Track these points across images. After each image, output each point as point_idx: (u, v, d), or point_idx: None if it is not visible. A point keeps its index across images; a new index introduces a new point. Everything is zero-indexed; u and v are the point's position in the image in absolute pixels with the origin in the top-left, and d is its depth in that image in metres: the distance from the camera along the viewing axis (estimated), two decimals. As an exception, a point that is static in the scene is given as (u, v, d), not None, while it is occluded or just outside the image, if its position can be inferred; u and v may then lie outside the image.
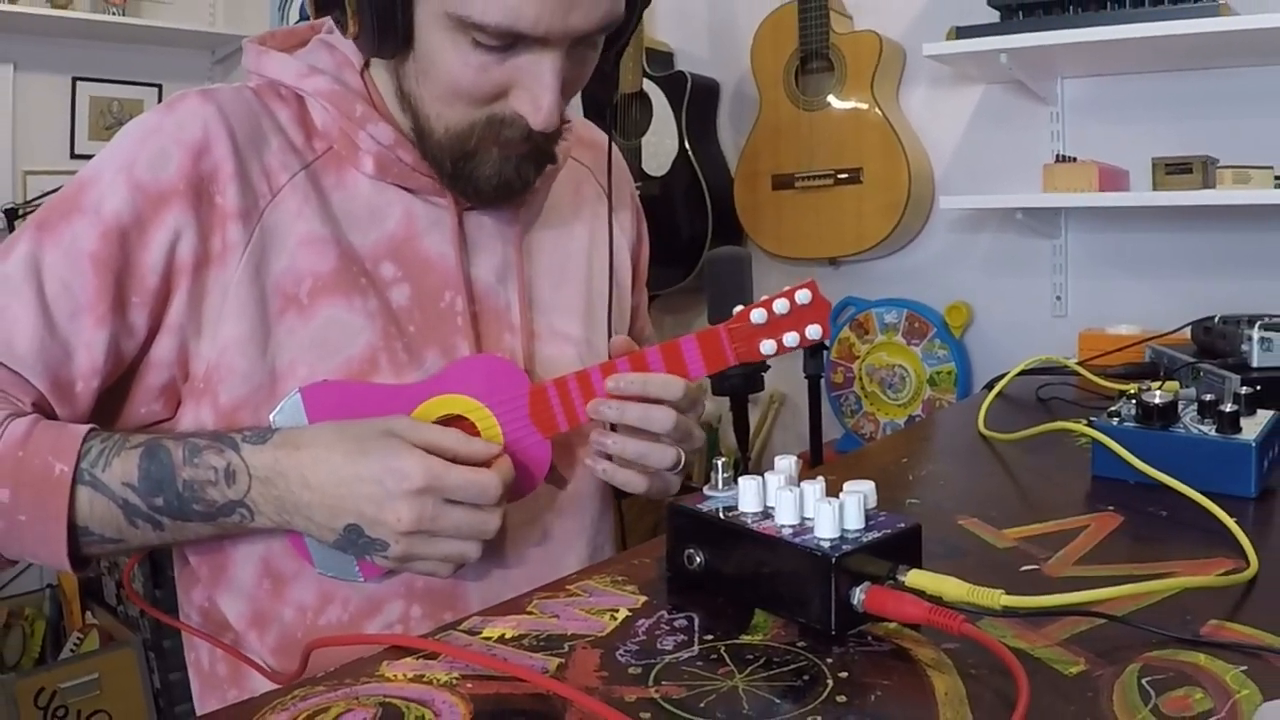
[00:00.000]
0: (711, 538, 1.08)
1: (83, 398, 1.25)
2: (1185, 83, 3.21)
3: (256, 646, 1.33)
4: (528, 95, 1.23)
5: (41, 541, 1.17)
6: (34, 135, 5.19)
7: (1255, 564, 1.09)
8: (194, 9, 5.67)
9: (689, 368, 1.32)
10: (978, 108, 3.61)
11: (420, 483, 1.13)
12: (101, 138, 5.27)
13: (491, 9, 1.14)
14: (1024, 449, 1.66)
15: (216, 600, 1.36)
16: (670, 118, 3.87)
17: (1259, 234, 3.11)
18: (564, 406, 1.30)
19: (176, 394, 1.32)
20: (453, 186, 1.35)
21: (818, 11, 3.55)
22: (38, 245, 1.22)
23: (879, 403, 3.72)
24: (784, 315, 1.31)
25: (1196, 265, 3.23)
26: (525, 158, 1.32)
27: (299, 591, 1.32)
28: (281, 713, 0.88)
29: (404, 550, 1.16)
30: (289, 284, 1.29)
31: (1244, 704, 0.81)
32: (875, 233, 3.55)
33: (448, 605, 1.33)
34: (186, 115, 1.27)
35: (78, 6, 5.11)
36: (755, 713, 0.84)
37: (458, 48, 1.20)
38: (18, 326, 1.19)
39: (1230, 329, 1.92)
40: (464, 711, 0.86)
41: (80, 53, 5.28)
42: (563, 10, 1.16)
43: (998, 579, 0.99)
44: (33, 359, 1.20)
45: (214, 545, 1.33)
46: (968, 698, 0.85)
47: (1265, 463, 1.36)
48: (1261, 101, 3.09)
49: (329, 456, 1.17)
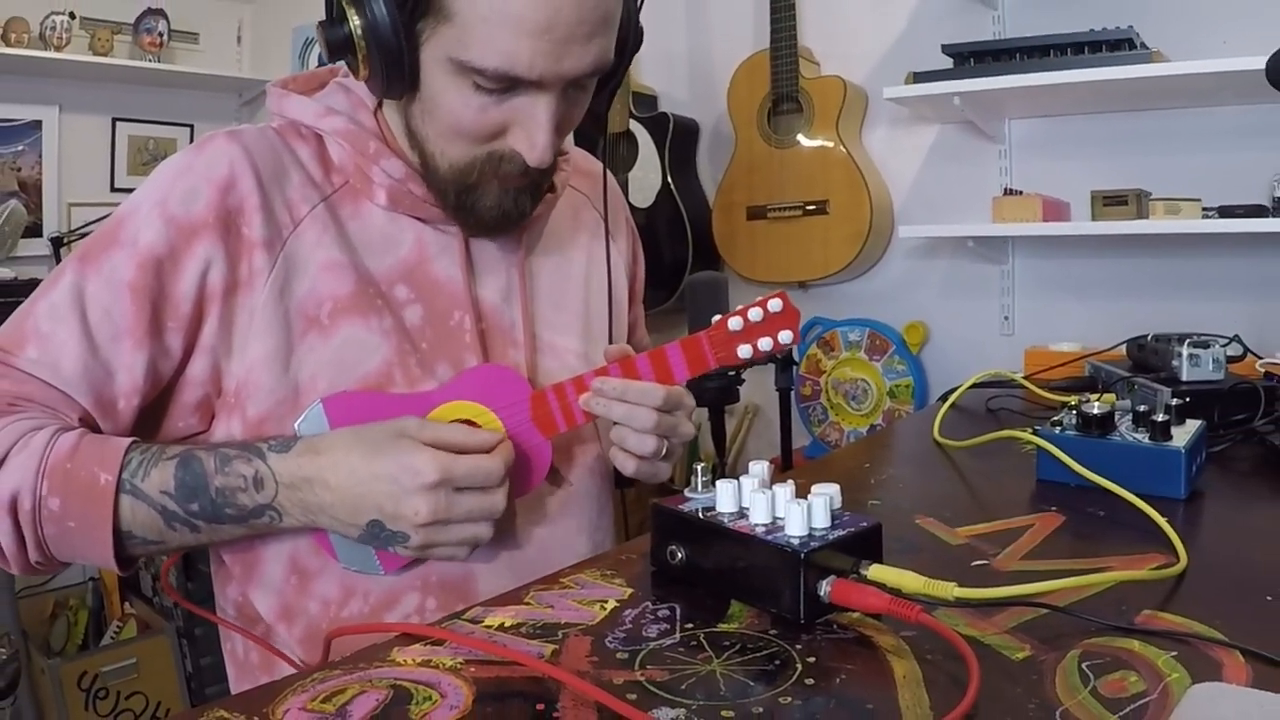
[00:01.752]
0: (692, 535, 1.08)
1: (124, 414, 1.26)
2: (1121, 123, 3.23)
3: (285, 638, 1.33)
4: (524, 134, 1.24)
5: (90, 545, 1.17)
6: (77, 171, 5.22)
7: (1184, 559, 1.09)
8: (222, 56, 5.70)
9: (674, 371, 1.32)
10: (933, 145, 3.62)
11: (434, 477, 1.14)
12: (138, 173, 5.31)
13: (490, 54, 1.15)
14: (975, 455, 1.66)
15: (249, 595, 1.36)
16: (654, 155, 3.87)
17: (1188, 260, 3.12)
18: (562, 409, 1.31)
19: (210, 409, 1.32)
20: (456, 217, 1.36)
21: (788, 58, 3.56)
22: (81, 276, 1.23)
23: (843, 413, 3.72)
24: (758, 322, 1.32)
25: (1131, 288, 3.24)
26: (523, 190, 1.33)
27: (323, 586, 1.32)
28: (302, 694, 0.88)
29: (423, 540, 1.18)
30: (310, 306, 1.30)
31: (1174, 686, 0.82)
32: (840, 259, 3.55)
33: (460, 597, 1.33)
34: (214, 154, 1.27)
35: (117, 53, 5.14)
36: (731, 694, 0.84)
37: (459, 90, 1.21)
38: (64, 350, 1.20)
39: (1162, 346, 1.92)
40: (467, 693, 0.87)
41: (119, 96, 5.31)
42: (555, 56, 1.16)
43: (951, 573, 0.99)
44: (77, 379, 1.21)
45: (245, 545, 1.34)
46: (924, 680, 0.85)
47: (1193, 467, 1.37)
48: (1190, 139, 3.10)
49: (347, 459, 1.17)
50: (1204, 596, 1.02)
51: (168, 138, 5.48)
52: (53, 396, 1.21)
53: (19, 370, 1.21)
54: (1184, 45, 2.95)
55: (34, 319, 1.23)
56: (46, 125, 5.10)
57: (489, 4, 1.12)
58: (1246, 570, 1.09)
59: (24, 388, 1.21)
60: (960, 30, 3.41)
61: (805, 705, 0.82)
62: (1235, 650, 0.88)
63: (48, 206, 5.10)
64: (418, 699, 0.86)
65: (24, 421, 1.17)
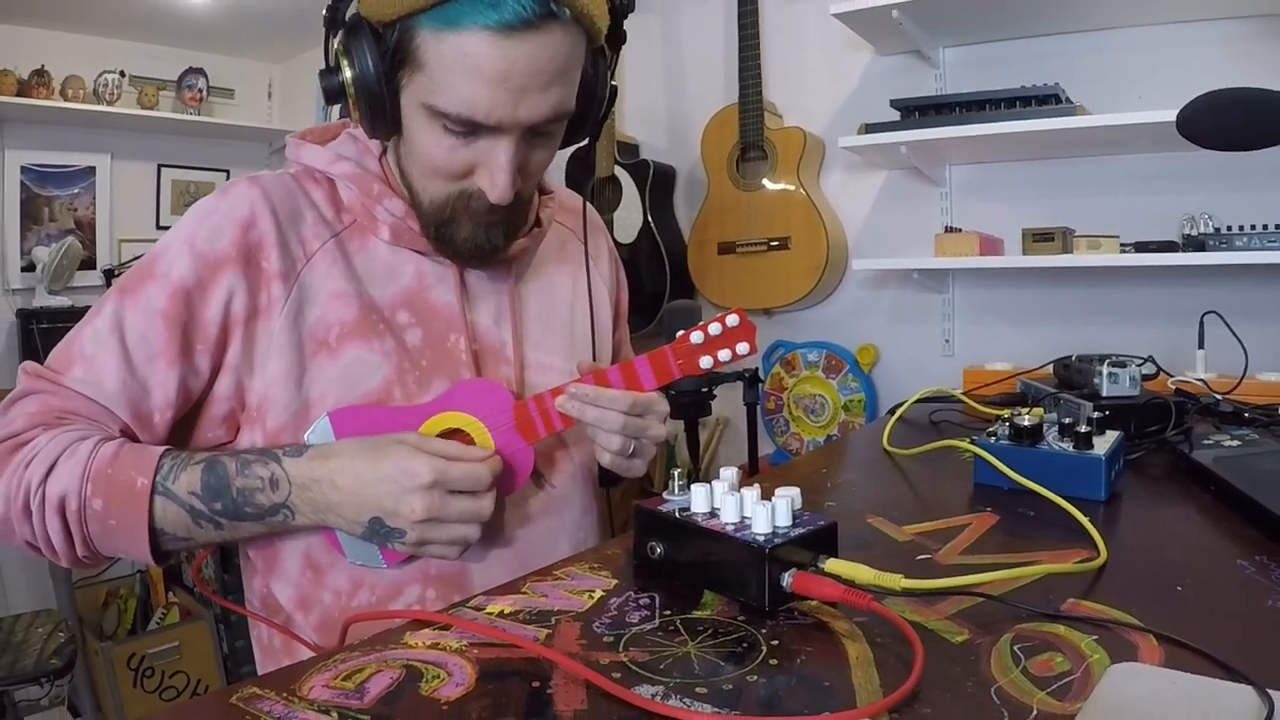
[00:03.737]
0: (669, 533, 1.08)
1: (159, 426, 1.28)
2: (1049, 168, 3.24)
3: (303, 625, 1.34)
4: (487, 174, 1.25)
5: (129, 541, 1.19)
6: (127, 211, 5.26)
7: (1104, 553, 1.09)
8: (255, 110, 5.75)
9: (642, 380, 1.33)
10: (882, 188, 3.62)
11: (429, 479, 1.15)
12: (180, 212, 5.24)
13: (453, 101, 1.16)
14: (919, 462, 1.66)
15: (271, 588, 1.37)
16: (636, 197, 3.87)
17: (1107, 290, 3.13)
18: (541, 416, 1.32)
19: (236, 422, 1.34)
20: (438, 248, 1.37)
21: (754, 111, 3.57)
22: (120, 305, 1.26)
23: (803, 425, 3.72)
24: (717, 336, 1.32)
25: (1057, 315, 3.25)
26: (494, 225, 1.33)
27: (335, 579, 1.33)
28: (325, 673, 0.88)
29: (419, 536, 1.18)
30: (320, 331, 1.32)
31: (1095, 666, 0.82)
32: (800, 288, 3.55)
33: (456, 588, 1.34)
34: (237, 197, 1.30)
35: (162, 107, 5.18)
36: (704, 673, 0.84)
37: (433, 132, 1.22)
38: (105, 371, 1.24)
39: (1084, 366, 1.93)
40: (471, 672, 0.87)
41: (164, 145, 5.36)
42: (512, 104, 1.17)
43: (898, 566, 0.99)
44: (118, 395, 1.24)
45: (266, 543, 1.35)
46: (874, 661, 0.85)
47: (1112, 473, 1.37)
48: (1110, 183, 3.11)
49: (353, 464, 1.19)
50: (1121, 587, 1.02)
51: (206, 181, 5.51)
52: (96, 411, 1.24)
53: (66, 388, 1.24)
54: (1103, 100, 2.97)
55: (80, 343, 1.26)
56: (100, 171, 5.14)
57: (453, 55, 1.14)
58: (1159, 563, 1.09)
59: (71, 403, 1.24)
60: (906, 87, 3.43)
61: (770, 683, 0.82)
62: (1149, 634, 0.88)
63: (101, 242, 5.15)
64: (428, 677, 0.86)
65: (71, 433, 1.20)
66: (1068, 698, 0.76)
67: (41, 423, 1.22)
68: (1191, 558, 1.12)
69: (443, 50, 1.14)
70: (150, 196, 5.36)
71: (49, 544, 1.20)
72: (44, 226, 4.95)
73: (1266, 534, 1.16)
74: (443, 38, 1.14)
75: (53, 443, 1.18)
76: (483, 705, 0.80)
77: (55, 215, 5.01)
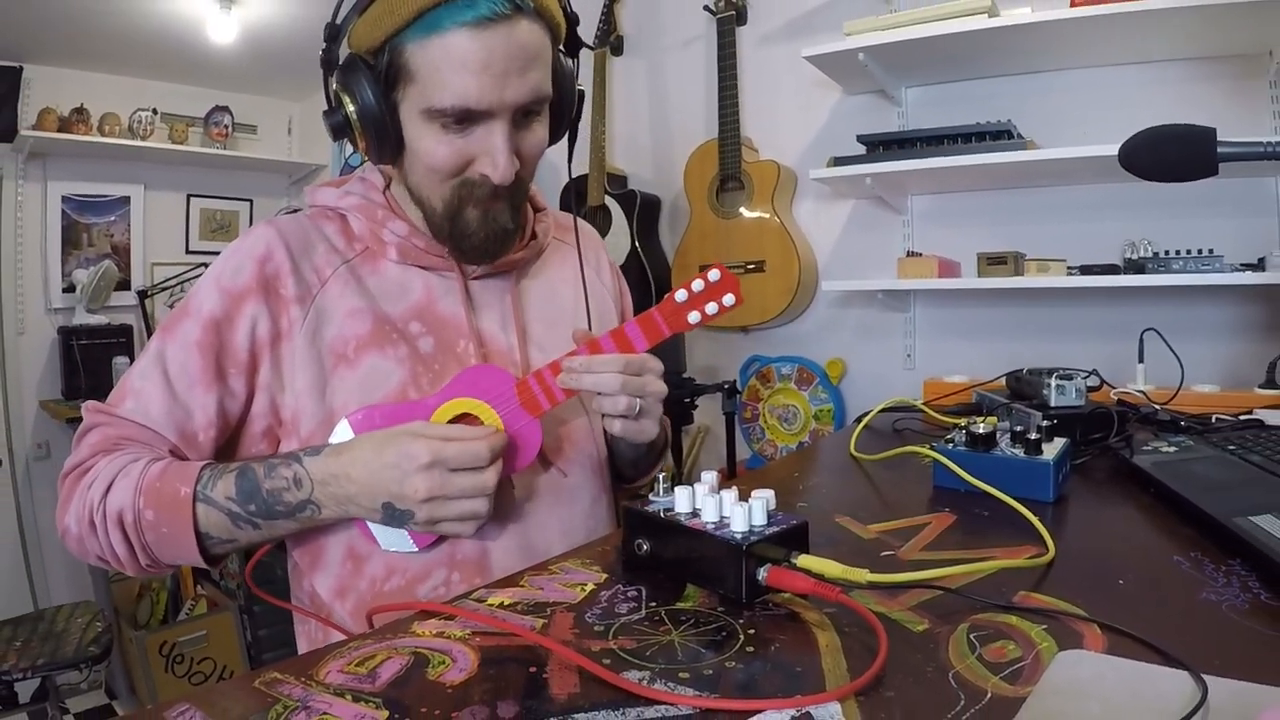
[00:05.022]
0: (655, 531, 1.07)
1: (204, 445, 1.32)
2: (1002, 198, 3.26)
3: (340, 612, 1.35)
4: (488, 159, 1.27)
5: (180, 546, 1.22)
6: (158, 236, 5.32)
7: (1053, 550, 1.09)
8: (276, 144, 5.79)
9: (634, 343, 1.33)
10: (849, 216, 3.64)
11: (427, 459, 1.16)
12: (208, 238, 5.47)
13: (446, 95, 1.21)
14: (883, 466, 1.66)
15: (314, 583, 1.38)
16: (625, 224, 3.88)
17: (1055, 309, 3.14)
18: (543, 390, 1.31)
19: (275, 436, 1.36)
20: (455, 250, 1.39)
21: (733, 146, 3.59)
22: (162, 343, 1.32)
23: (777, 432, 3.72)
24: (700, 292, 1.31)
25: (1010, 332, 3.26)
26: (500, 208, 1.35)
27: (371, 567, 1.34)
28: (341, 659, 0.88)
29: (427, 514, 1.19)
30: (339, 345, 1.34)
31: (1044, 653, 0.82)
32: (775, 308, 3.55)
33: (478, 571, 1.34)
34: (255, 238, 1.36)
35: (191, 142, 5.25)
36: (687, 659, 0.84)
37: (433, 133, 1.26)
38: (152, 400, 1.29)
39: (1035, 378, 1.93)
40: (474, 658, 0.86)
41: (192, 176, 5.42)
42: (498, 88, 1.21)
43: (864, 561, 0.99)
44: (164, 420, 1.29)
45: (312, 540, 1.37)
46: (842, 648, 0.85)
47: (1059, 476, 1.37)
48: (1058, 211, 3.13)
49: (362, 455, 1.20)
50: (1068, 580, 1.02)
51: (231, 210, 5.54)
52: (147, 435, 1.29)
53: (120, 418, 1.30)
54: (1051, 135, 3.00)
55: (130, 380, 1.32)
56: (134, 200, 5.19)
57: (440, 56, 1.19)
58: (1103, 559, 1.09)
59: (124, 430, 1.29)
60: (871, 123, 3.45)
61: (746, 668, 0.82)
62: (1094, 624, 0.88)
63: (135, 265, 5.20)
64: (434, 663, 0.86)
65: (125, 456, 1.26)
66: (1019, 682, 0.76)
67: (101, 450, 1.28)
68: (1132, 554, 1.12)
69: (430, 54, 1.20)
70: (180, 223, 5.40)
71: (115, 555, 1.24)
72: (83, 251, 5.01)
73: (1200, 533, 1.16)
74: (428, 44, 1.19)
75: (110, 465, 1.24)
76: (484, 689, 0.80)
77: (93, 241, 5.05)
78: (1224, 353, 2.81)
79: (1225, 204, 2.82)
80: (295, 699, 0.80)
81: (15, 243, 4.80)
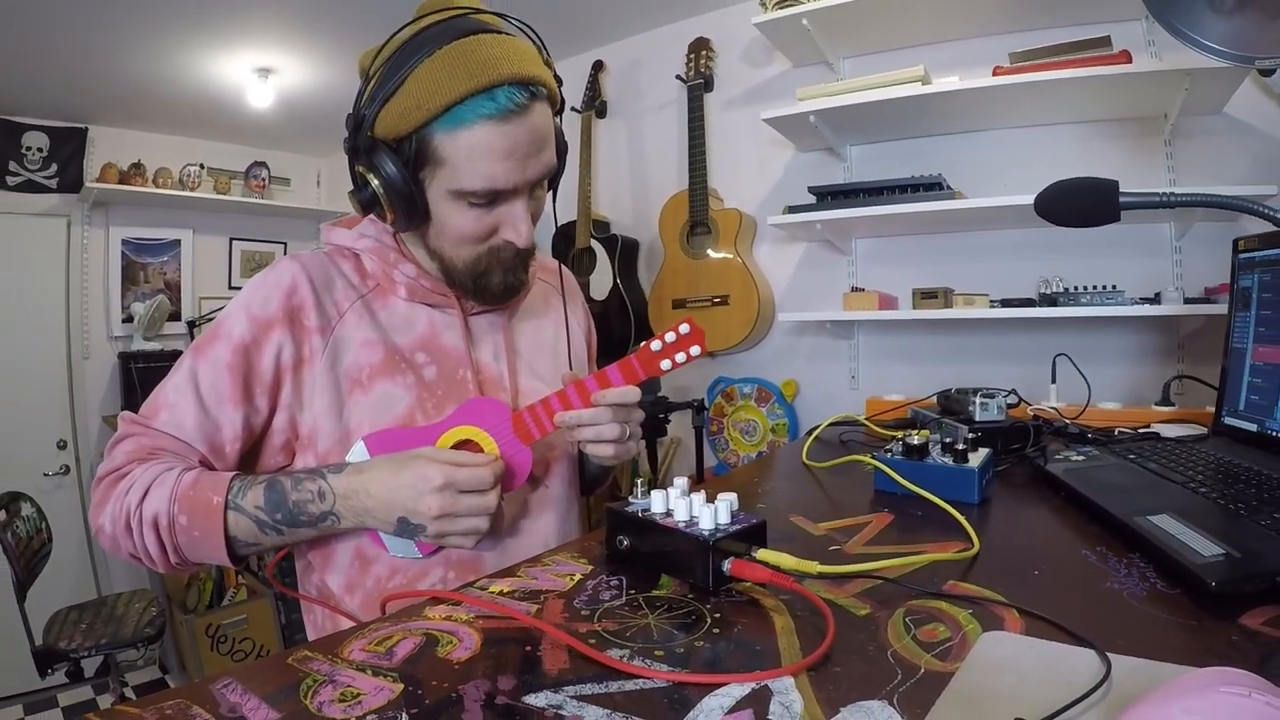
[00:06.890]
0: (634, 528, 1.07)
1: (230, 456, 1.30)
2: (934, 241, 3.27)
3: (350, 605, 1.34)
4: (512, 229, 1.28)
5: (210, 548, 1.21)
6: (205, 274, 5.36)
7: (977, 545, 1.10)
8: (307, 194, 5.84)
9: (614, 385, 1.32)
10: (802, 257, 3.64)
11: (440, 482, 1.16)
12: (247, 275, 5.52)
13: (476, 180, 1.20)
14: (831, 473, 1.66)
15: (325, 579, 1.36)
16: (607, 263, 3.87)
17: (980, 336, 3.15)
18: (535, 422, 1.31)
19: (292, 449, 1.35)
20: (475, 296, 1.38)
21: (701, 195, 3.60)
22: (195, 362, 1.29)
23: (739, 443, 3.72)
24: (673, 343, 1.31)
25: (941, 356, 3.27)
26: (519, 267, 1.36)
27: (377, 568, 1.33)
28: (362, 639, 0.88)
29: (437, 529, 1.18)
30: (354, 372, 1.32)
31: (970, 634, 0.82)
32: (737, 336, 3.56)
33: (472, 570, 1.33)
34: (281, 271, 1.33)
35: (233, 193, 5.28)
36: (661, 639, 0.84)
37: (459, 210, 1.25)
38: (185, 414, 1.27)
39: (962, 397, 1.93)
40: (477, 638, 0.87)
41: (235, 222, 5.46)
42: (521, 170, 1.22)
43: (814, 555, 0.99)
44: (196, 433, 1.27)
45: (324, 544, 1.36)
46: (796, 630, 0.85)
47: (983, 481, 1.38)
48: (982, 252, 3.14)
49: (381, 475, 1.19)
50: (991, 571, 1.02)
51: (268, 251, 5.56)
52: (179, 446, 1.27)
53: (155, 430, 1.27)
54: (977, 186, 3.01)
55: (164, 394, 1.29)
56: (184, 243, 5.23)
57: (469, 147, 1.18)
58: (1020, 553, 1.10)
59: (158, 442, 1.27)
60: (821, 176, 3.46)
61: (713, 647, 0.82)
62: (1013, 609, 0.88)
63: (185, 299, 5.26)
64: (443, 643, 0.86)
65: (160, 465, 1.23)
66: (949, 659, 0.76)
67: (136, 458, 1.25)
68: (1046, 548, 1.12)
69: (458, 144, 1.18)
70: (224, 263, 5.42)
71: (147, 555, 1.22)
72: (139, 286, 5.05)
73: (1105, 530, 1.17)
74: (456, 135, 1.18)
75: (146, 473, 1.22)
76: (486, 665, 0.80)
77: (149, 278, 5.09)
78: (1125, 375, 2.82)
79: (1126, 246, 2.83)
80: (323, 674, 0.80)
81: (81, 279, 4.84)
